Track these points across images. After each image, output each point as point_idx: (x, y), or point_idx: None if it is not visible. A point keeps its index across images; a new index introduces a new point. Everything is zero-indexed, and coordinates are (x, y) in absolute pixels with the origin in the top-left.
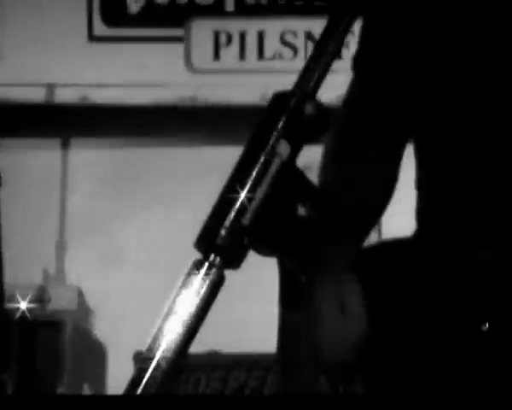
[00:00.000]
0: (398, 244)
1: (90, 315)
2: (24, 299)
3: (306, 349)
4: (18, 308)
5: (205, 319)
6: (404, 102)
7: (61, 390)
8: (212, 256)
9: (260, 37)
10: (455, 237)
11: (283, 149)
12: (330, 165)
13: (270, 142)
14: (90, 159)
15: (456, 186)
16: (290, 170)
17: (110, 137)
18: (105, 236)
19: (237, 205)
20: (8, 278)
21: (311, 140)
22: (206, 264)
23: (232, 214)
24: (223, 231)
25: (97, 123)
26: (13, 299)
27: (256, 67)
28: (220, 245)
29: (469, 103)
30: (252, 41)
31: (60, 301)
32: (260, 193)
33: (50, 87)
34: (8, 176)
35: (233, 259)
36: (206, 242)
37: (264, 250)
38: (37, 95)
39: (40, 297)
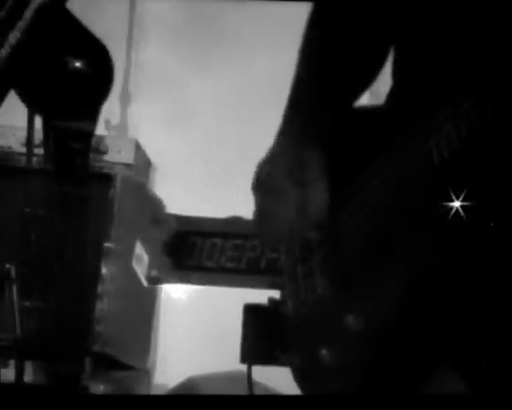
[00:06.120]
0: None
1: (149, 170)
2: None
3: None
4: None
5: None
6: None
7: (108, 245)
8: None
9: None
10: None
11: None
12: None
13: None
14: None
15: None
16: (57, 14)
17: None
18: (174, 91)
19: None
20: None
21: None
22: None
23: None
24: None
25: None
26: None
27: None
28: None
29: None
30: None
31: (116, 153)
32: (13, 38)
33: None
34: None
35: None
36: None
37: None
38: None
39: (96, 148)
